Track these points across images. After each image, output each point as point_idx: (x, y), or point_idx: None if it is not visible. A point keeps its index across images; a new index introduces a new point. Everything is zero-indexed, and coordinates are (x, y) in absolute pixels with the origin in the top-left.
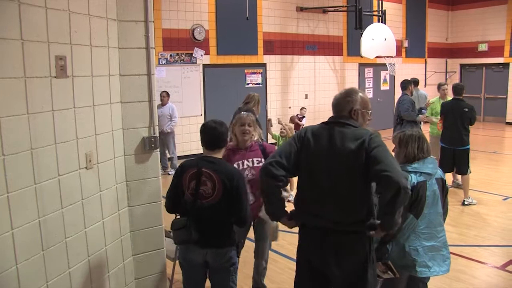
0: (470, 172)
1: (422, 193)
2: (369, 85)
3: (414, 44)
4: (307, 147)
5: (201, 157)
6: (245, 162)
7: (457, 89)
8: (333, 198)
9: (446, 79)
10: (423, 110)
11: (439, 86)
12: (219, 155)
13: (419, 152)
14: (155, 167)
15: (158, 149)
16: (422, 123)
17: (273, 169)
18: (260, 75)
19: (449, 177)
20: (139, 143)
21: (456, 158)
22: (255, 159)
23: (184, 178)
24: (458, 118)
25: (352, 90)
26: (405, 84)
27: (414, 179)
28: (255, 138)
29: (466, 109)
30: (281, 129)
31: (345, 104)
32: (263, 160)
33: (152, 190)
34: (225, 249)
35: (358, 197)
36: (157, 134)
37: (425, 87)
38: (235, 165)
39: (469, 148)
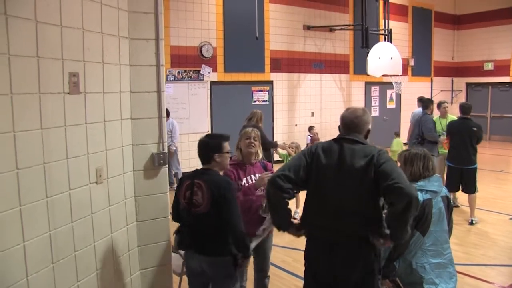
0: (477, 191)
1: (428, 211)
2: (375, 103)
3: (420, 62)
4: (317, 162)
5: (197, 169)
6: (253, 177)
7: (465, 108)
8: (341, 211)
9: (452, 97)
10: (443, 132)
11: (440, 104)
12: (215, 166)
13: (425, 171)
14: (164, 183)
15: (167, 165)
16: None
17: (280, 181)
18: (267, 92)
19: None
20: (148, 159)
21: (464, 178)
22: (259, 175)
23: (181, 189)
24: (467, 137)
25: (366, 110)
26: (426, 103)
27: (420, 197)
28: (260, 156)
29: (475, 128)
30: (289, 147)
31: (363, 124)
32: None
33: (160, 206)
34: (219, 259)
35: (366, 210)
36: (165, 150)
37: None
38: (244, 181)
39: (476, 167)
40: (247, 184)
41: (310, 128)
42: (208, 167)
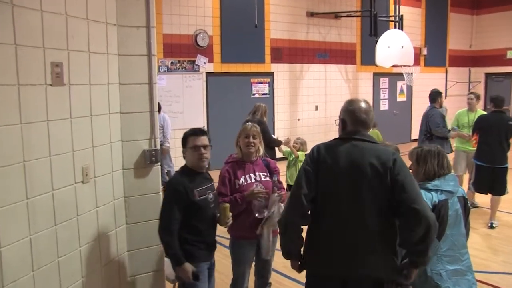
0: (507, 192)
1: (444, 213)
2: (384, 96)
3: (434, 52)
4: (324, 167)
5: None
6: (252, 175)
7: (497, 101)
8: (358, 229)
9: (469, 89)
10: (454, 127)
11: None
12: (187, 163)
13: (440, 169)
14: (156, 182)
15: (159, 163)
16: (450, 140)
17: (303, 205)
18: (267, 84)
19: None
20: (139, 156)
21: (493, 178)
22: (261, 173)
23: None
24: (502, 133)
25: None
26: (434, 96)
27: (435, 197)
28: (261, 152)
29: (511, 122)
30: (293, 143)
31: (371, 120)
32: (268, 175)
33: (152, 207)
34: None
35: (387, 228)
36: (158, 147)
37: (445, 98)
38: (242, 180)
39: (507, 167)
40: (245, 184)
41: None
42: (185, 164)
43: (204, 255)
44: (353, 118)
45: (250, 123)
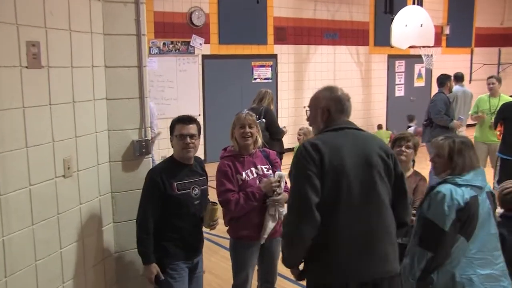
0: None
1: (475, 210)
2: (400, 81)
3: (457, 30)
4: (331, 169)
5: None
6: (253, 170)
7: None
8: (378, 228)
9: (498, 72)
10: (460, 117)
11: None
12: (174, 152)
13: (475, 162)
14: None
15: (151, 155)
16: (457, 131)
17: (315, 217)
18: (270, 68)
19: None
20: (128, 147)
21: None
22: (263, 167)
23: None
24: None
25: None
26: (442, 80)
27: (466, 193)
28: (260, 143)
29: None
30: (297, 134)
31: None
32: (270, 167)
33: None
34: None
35: (393, 221)
36: (149, 137)
37: (470, 83)
38: (244, 175)
39: None
40: (248, 179)
41: (412, 118)
42: (172, 154)
43: (181, 254)
44: (339, 107)
45: (245, 110)
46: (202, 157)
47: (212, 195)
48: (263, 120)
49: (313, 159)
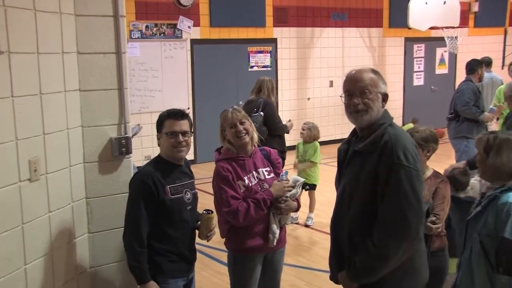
0: None
1: None
2: (419, 67)
3: (488, 7)
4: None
5: None
6: (254, 174)
7: None
8: None
9: None
10: (492, 108)
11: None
12: (161, 152)
13: None
14: (127, 179)
15: (131, 155)
16: (488, 124)
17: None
18: (269, 54)
19: None
20: (105, 146)
21: None
22: (264, 170)
23: None
24: None
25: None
26: (472, 66)
27: None
28: (256, 138)
29: None
30: (300, 129)
31: None
32: (272, 170)
33: (122, 211)
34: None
35: None
36: (129, 133)
37: (502, 69)
38: (246, 180)
39: None
40: (251, 185)
41: (415, 121)
42: (159, 154)
43: (176, 270)
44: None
45: (231, 108)
46: (192, 157)
47: (202, 200)
48: (261, 113)
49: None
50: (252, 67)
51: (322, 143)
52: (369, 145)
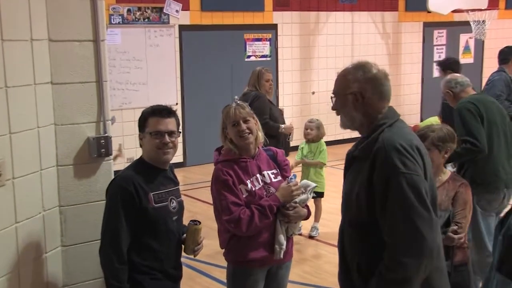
0: None
1: None
2: (440, 56)
3: None
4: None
5: None
6: (259, 177)
7: None
8: None
9: None
10: None
11: None
12: (144, 153)
13: None
14: (107, 184)
15: (112, 157)
16: None
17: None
18: (268, 42)
19: None
20: (82, 147)
21: None
22: (270, 172)
23: None
24: None
25: None
26: (506, 54)
27: None
28: (262, 138)
29: None
30: (305, 128)
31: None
32: (279, 172)
33: (100, 220)
34: None
35: None
36: (109, 133)
37: None
38: (250, 185)
39: None
40: (254, 189)
41: None
42: (141, 156)
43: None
44: (379, 90)
45: (234, 103)
46: (180, 160)
47: (193, 208)
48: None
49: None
50: (249, 57)
51: (329, 143)
52: (362, 151)
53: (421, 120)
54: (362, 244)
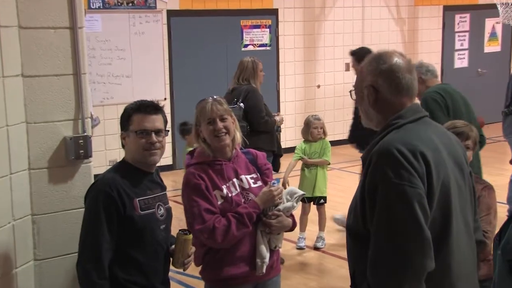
0: None
1: None
2: (462, 45)
3: None
4: (438, 185)
5: None
6: (236, 182)
7: None
8: (472, 255)
9: None
10: None
11: None
12: (126, 154)
13: None
14: (86, 189)
15: (91, 159)
16: None
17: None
18: (268, 30)
19: None
20: (58, 148)
21: None
22: (248, 177)
23: None
24: None
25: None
26: None
27: None
28: (239, 139)
29: None
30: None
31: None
32: (259, 176)
33: (78, 230)
34: None
35: None
36: (89, 132)
37: None
38: (225, 190)
39: None
40: (231, 195)
41: None
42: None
43: None
44: (394, 83)
45: (211, 98)
46: (169, 162)
47: (178, 214)
48: (241, 105)
49: (417, 170)
50: (246, 46)
51: (337, 143)
52: (365, 154)
53: None
54: (358, 253)
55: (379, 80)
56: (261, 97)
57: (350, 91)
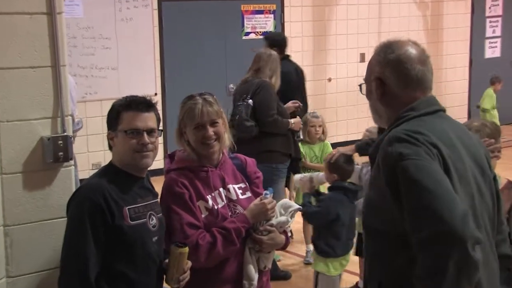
0: None
1: None
2: (493, 32)
3: None
4: (453, 174)
5: None
6: (222, 192)
7: None
8: (492, 251)
9: None
10: None
11: None
12: (114, 156)
13: None
14: (66, 197)
15: (72, 162)
16: None
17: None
18: (272, 16)
19: None
20: (34, 149)
21: None
22: (236, 187)
23: None
24: None
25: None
26: None
27: None
28: (227, 142)
29: None
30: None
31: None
32: (247, 186)
33: (58, 243)
34: None
35: None
36: (70, 132)
37: None
38: (211, 201)
39: None
40: (217, 207)
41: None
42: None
43: None
44: (402, 74)
45: (200, 97)
46: (161, 165)
47: None
48: (250, 101)
49: (431, 156)
50: (247, 34)
51: (348, 143)
52: (374, 150)
53: (469, 113)
54: (387, 255)
55: (386, 72)
56: (274, 94)
57: (360, 85)
